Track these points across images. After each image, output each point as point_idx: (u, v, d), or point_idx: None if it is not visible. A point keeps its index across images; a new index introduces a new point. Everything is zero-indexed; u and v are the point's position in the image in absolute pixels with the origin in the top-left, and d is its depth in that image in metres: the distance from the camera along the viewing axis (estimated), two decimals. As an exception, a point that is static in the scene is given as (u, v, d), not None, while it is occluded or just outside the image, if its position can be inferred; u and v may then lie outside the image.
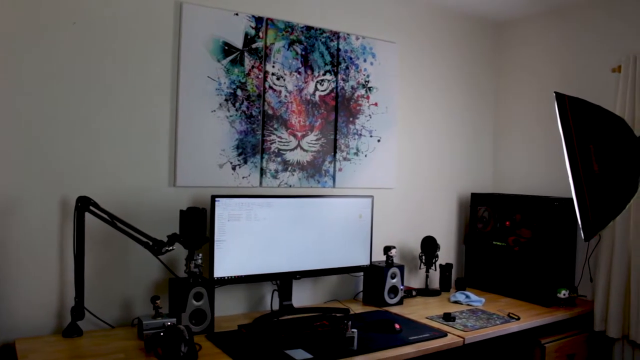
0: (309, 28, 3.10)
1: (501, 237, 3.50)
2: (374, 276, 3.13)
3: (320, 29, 3.14)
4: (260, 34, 2.93)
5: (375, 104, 3.38)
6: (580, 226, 2.71)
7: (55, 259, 2.45)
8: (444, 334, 2.60)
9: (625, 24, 3.27)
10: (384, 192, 3.43)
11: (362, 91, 3.32)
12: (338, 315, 2.81)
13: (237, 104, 2.87)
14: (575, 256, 3.45)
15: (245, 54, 2.89)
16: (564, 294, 3.19)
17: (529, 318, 2.94)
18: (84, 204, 2.37)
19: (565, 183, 2.84)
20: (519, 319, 2.90)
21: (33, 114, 2.38)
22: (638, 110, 3.08)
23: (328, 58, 3.17)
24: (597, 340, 3.28)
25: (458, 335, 2.60)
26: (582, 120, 2.79)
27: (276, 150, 3.00)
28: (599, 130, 2.78)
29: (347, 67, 3.25)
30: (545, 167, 3.69)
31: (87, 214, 2.38)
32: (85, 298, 2.41)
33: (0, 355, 2.31)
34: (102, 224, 2.40)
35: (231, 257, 2.66)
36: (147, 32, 2.63)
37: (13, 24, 2.33)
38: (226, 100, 2.83)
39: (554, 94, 2.83)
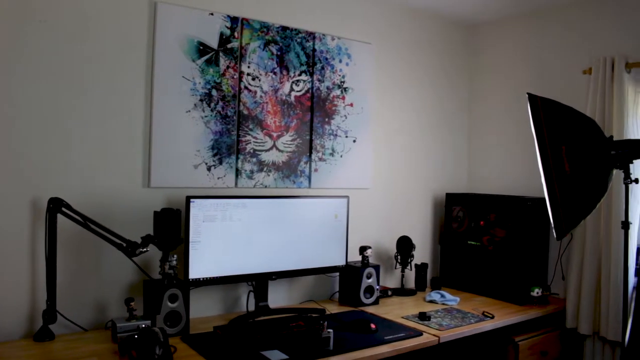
0: (284, 28, 3.10)
1: (476, 237, 3.54)
2: (349, 276, 3.14)
3: (295, 30, 3.14)
4: (236, 34, 2.92)
5: (351, 105, 3.39)
6: (553, 225, 2.75)
7: (26, 262, 2.40)
8: (419, 333, 2.62)
9: (596, 27, 3.34)
10: (359, 193, 3.44)
11: (338, 92, 3.32)
12: (314, 315, 2.81)
13: (212, 104, 2.85)
14: (548, 255, 3.50)
15: (221, 54, 2.87)
16: (537, 292, 3.24)
17: (503, 316, 2.97)
18: (56, 206, 2.33)
19: (538, 183, 2.88)
20: (493, 317, 2.94)
21: (3, 114, 2.33)
22: (608, 112, 3.14)
23: (304, 58, 3.17)
24: (569, 337, 3.34)
25: (433, 335, 2.62)
26: (554, 121, 2.83)
27: (252, 151, 2.99)
28: (570, 131, 2.82)
29: (322, 68, 3.25)
30: (519, 167, 3.74)
31: (59, 216, 2.35)
32: (57, 301, 2.38)
33: (-31, 361, 2.27)
34: (74, 225, 2.36)
35: (206, 258, 2.65)
36: (121, 31, 2.60)
37: (-18, 22, 2.28)
38: (201, 100, 2.81)
39: (527, 95, 2.87)
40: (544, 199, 2.78)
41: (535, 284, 3.28)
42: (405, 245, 3.49)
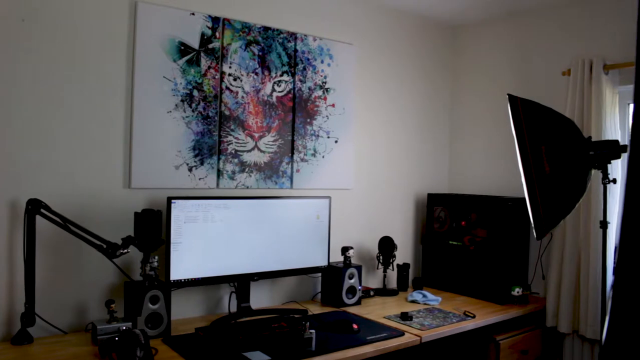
0: (266, 29, 3.09)
1: (457, 237, 3.56)
2: (331, 277, 3.14)
3: (277, 30, 3.13)
4: (217, 34, 2.91)
5: (333, 105, 3.39)
6: (533, 225, 2.78)
7: (4, 264, 2.37)
8: (401, 333, 2.63)
9: (575, 29, 3.38)
10: (341, 193, 3.45)
11: (320, 92, 3.33)
12: (296, 316, 2.81)
13: (194, 105, 2.83)
14: (529, 255, 3.53)
15: (202, 54, 2.86)
16: (518, 292, 3.27)
17: (484, 316, 3.00)
18: (34, 207, 2.30)
19: (518, 183, 2.91)
20: (474, 317, 2.96)
21: (-20, 114, 2.30)
22: (586, 112, 3.18)
23: (285, 59, 3.17)
24: (549, 335, 3.37)
25: (415, 334, 2.64)
26: (534, 122, 2.86)
27: (233, 152, 2.98)
28: (550, 131, 2.85)
29: (304, 68, 3.25)
30: (499, 168, 3.77)
31: (38, 217, 2.32)
32: (36, 303, 2.35)
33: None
34: (54, 227, 2.34)
35: (188, 259, 2.63)
36: (101, 30, 2.58)
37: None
38: (182, 100, 2.80)
39: (507, 96, 2.89)
40: (524, 199, 2.81)
41: (515, 284, 3.31)
42: (387, 246, 3.50)
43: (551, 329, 3.33)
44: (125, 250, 2.34)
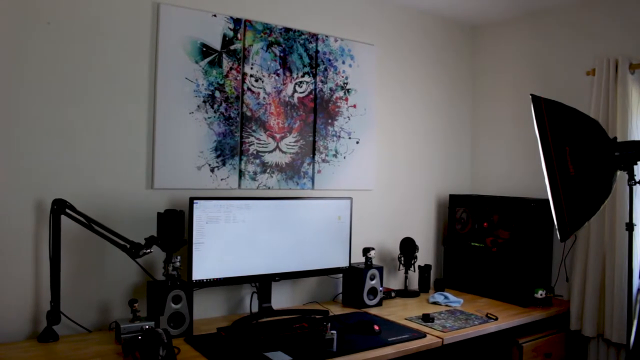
0: (287, 30, 3.10)
1: (479, 238, 3.53)
2: (353, 278, 3.14)
3: (298, 31, 3.14)
4: (239, 36, 2.92)
5: (354, 106, 3.39)
6: (556, 227, 2.75)
7: (30, 263, 2.41)
8: (422, 335, 2.61)
9: (599, 27, 3.33)
10: (362, 194, 3.44)
11: (341, 93, 3.32)
12: (317, 317, 2.81)
13: (216, 106, 2.85)
14: (552, 257, 3.49)
15: (224, 55, 2.87)
16: (541, 294, 3.23)
17: (506, 318, 2.97)
18: (59, 207, 2.33)
19: (541, 184, 2.88)
20: (496, 319, 2.93)
21: (8, 116, 2.34)
22: (612, 113, 3.14)
23: (307, 60, 3.17)
24: (573, 339, 3.33)
25: (437, 336, 2.62)
26: (557, 123, 2.82)
27: (255, 152, 2.99)
28: (574, 132, 2.82)
29: (325, 69, 3.25)
30: (522, 169, 3.73)
31: (63, 217, 2.35)
32: (61, 302, 2.38)
33: (-27, 362, 2.27)
34: (78, 227, 2.37)
35: (210, 260, 2.64)
36: (124, 32, 2.61)
37: (-14, 24, 2.29)
38: (204, 101, 2.82)
39: (530, 97, 2.86)
40: (548, 200, 2.78)
41: (539, 286, 3.28)
42: (408, 247, 3.49)
43: (575, 333, 3.28)
44: (149, 250, 2.36)
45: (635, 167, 2.71)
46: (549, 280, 3.46)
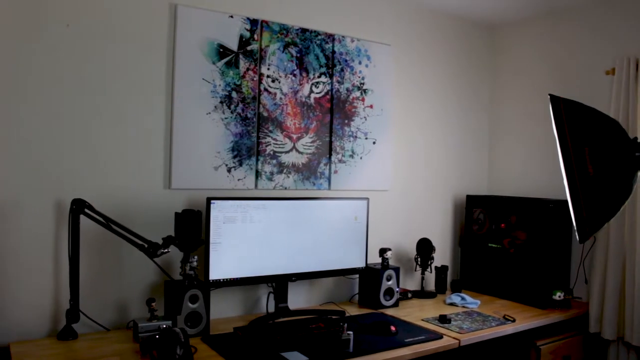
0: (304, 30, 3.10)
1: (496, 239, 3.51)
2: (369, 278, 3.13)
3: (315, 31, 3.14)
4: (255, 36, 2.93)
5: (371, 106, 3.38)
6: (575, 228, 2.72)
7: (50, 262, 2.44)
8: (439, 336, 2.60)
9: (619, 26, 3.29)
10: (379, 194, 3.43)
11: (357, 93, 3.32)
12: (334, 317, 2.81)
13: (232, 106, 2.86)
14: (571, 258, 3.45)
15: (240, 56, 2.89)
16: (559, 296, 3.20)
17: (524, 320, 2.94)
18: (78, 207, 2.36)
19: (560, 185, 2.84)
20: (514, 320, 2.91)
21: (27, 117, 2.37)
22: (632, 113, 3.10)
23: (323, 60, 3.17)
24: (593, 342, 3.29)
25: (454, 337, 2.61)
26: (576, 123, 2.79)
27: (271, 153, 2.99)
28: (593, 132, 2.78)
29: (342, 70, 3.25)
30: (540, 169, 3.70)
31: (82, 217, 2.38)
32: (80, 301, 2.41)
33: (-6, 359, 2.31)
34: (97, 226, 2.39)
35: (227, 260, 2.66)
36: (142, 34, 2.63)
37: (7, 25, 2.32)
38: (221, 102, 2.83)
39: (549, 97, 2.83)
40: (567, 201, 2.75)
41: (557, 288, 3.25)
42: (425, 248, 3.48)
43: (594, 335, 3.25)
44: (166, 250, 2.37)
45: (656, 167, 2.68)
46: (567, 282, 3.43)
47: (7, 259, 2.35)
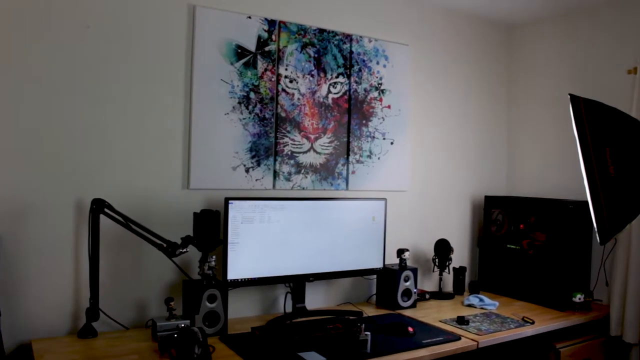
0: (321, 31, 3.10)
1: (515, 240, 3.48)
2: (387, 279, 3.12)
3: (332, 32, 3.14)
4: (273, 37, 2.94)
5: (389, 107, 3.37)
6: (596, 229, 2.69)
7: (70, 261, 2.47)
8: (457, 338, 2.59)
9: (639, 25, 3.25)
10: (397, 195, 3.42)
11: (375, 94, 3.31)
12: (351, 318, 2.81)
13: (250, 107, 2.87)
14: (591, 260, 3.41)
15: (258, 56, 2.90)
16: (579, 298, 3.16)
17: (543, 322, 2.92)
18: (98, 207, 2.38)
19: (580, 186, 2.82)
20: (533, 323, 2.88)
21: (48, 117, 2.40)
22: (654, 113, 3.06)
23: (341, 60, 3.17)
24: (614, 345, 3.24)
25: (472, 339, 2.59)
26: (597, 123, 2.76)
27: (289, 153, 3.00)
28: (614, 132, 2.75)
29: (360, 70, 3.25)
30: (559, 170, 3.66)
31: (101, 216, 2.40)
32: (99, 299, 2.43)
33: (17, 356, 2.34)
34: (116, 226, 2.41)
35: (244, 260, 2.67)
36: (161, 35, 2.65)
37: (29, 27, 2.35)
38: (239, 103, 2.84)
39: (569, 96, 2.81)
40: (587, 202, 2.72)
41: (577, 290, 3.21)
42: (443, 248, 3.46)
43: (616, 339, 3.20)
44: (185, 250, 2.39)
45: (679, 168, 2.64)
46: (587, 284, 3.39)
47: (29, 258, 2.38)
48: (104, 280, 2.49)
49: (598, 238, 2.70)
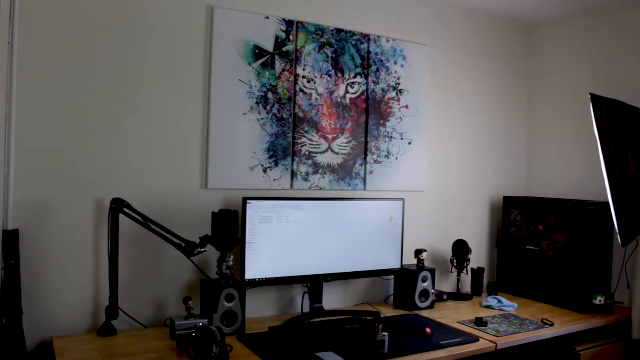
0: (339, 31, 3.10)
1: (534, 242, 3.45)
2: (405, 280, 3.11)
3: (350, 32, 3.14)
4: (291, 37, 2.94)
5: (406, 107, 3.36)
6: (617, 231, 2.66)
7: (90, 260, 2.49)
8: (475, 339, 2.57)
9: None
10: (415, 195, 3.41)
11: (393, 94, 3.30)
12: (369, 318, 2.80)
13: (268, 107, 2.88)
14: (612, 262, 3.37)
15: (276, 57, 2.90)
16: (600, 301, 3.12)
17: (563, 324, 2.88)
18: (118, 206, 2.41)
19: (600, 186, 2.79)
20: (553, 325, 2.85)
21: (68, 117, 2.43)
22: (677, 112, 3.01)
23: (359, 61, 3.17)
24: (635, 349, 3.20)
25: (490, 341, 2.57)
26: (618, 122, 2.73)
27: (307, 153, 3.00)
28: (636, 132, 2.72)
29: (377, 70, 3.24)
30: (579, 170, 3.62)
31: (121, 216, 2.42)
32: (119, 298, 2.45)
33: (38, 353, 2.37)
34: (135, 225, 2.43)
35: (262, 259, 2.67)
36: (179, 36, 2.67)
37: (47, 28, 2.38)
38: (257, 103, 2.85)
39: (590, 96, 2.78)
40: (608, 203, 2.69)
41: (597, 292, 3.17)
42: (461, 249, 3.44)
43: (637, 342, 3.16)
44: (203, 249, 2.40)
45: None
46: (608, 286, 3.34)
47: (50, 258, 2.41)
48: (124, 279, 2.51)
49: (619, 239, 2.67)
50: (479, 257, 3.72)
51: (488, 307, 3.20)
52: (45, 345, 2.36)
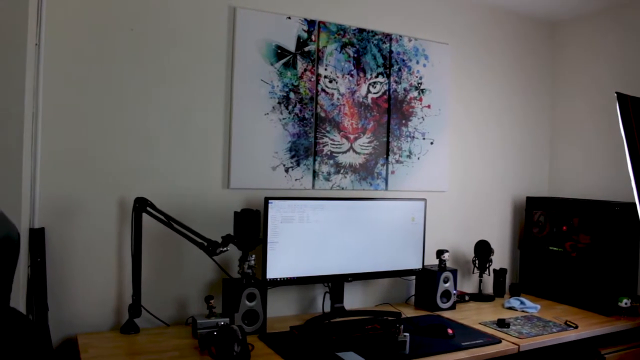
0: (361, 30, 3.10)
1: (558, 243, 3.41)
2: (426, 280, 3.10)
3: (372, 31, 3.13)
4: (313, 37, 2.95)
5: (428, 106, 3.34)
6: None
7: (113, 259, 2.53)
8: (498, 341, 2.55)
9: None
10: (436, 195, 3.39)
11: (415, 93, 3.29)
12: (390, 318, 2.79)
13: (290, 107, 2.89)
14: (638, 264, 3.31)
15: (298, 57, 2.91)
16: (626, 303, 3.07)
17: (587, 327, 2.85)
18: (141, 205, 2.43)
19: (626, 186, 2.75)
20: (577, 327, 2.82)
21: (92, 117, 2.46)
22: None
23: (380, 60, 3.16)
24: (661, 351, 3.15)
25: (513, 342, 2.55)
26: (645, 122, 2.69)
27: (329, 153, 3.00)
28: (663, 132, 2.67)
29: (399, 69, 3.23)
30: (604, 170, 3.56)
31: (144, 215, 2.45)
32: (142, 296, 2.48)
33: (63, 349, 2.40)
34: (158, 224, 2.46)
35: (284, 259, 2.68)
36: (202, 37, 2.69)
37: (72, 30, 2.41)
38: (279, 103, 2.86)
39: (616, 95, 2.74)
40: (634, 204, 2.64)
41: (623, 294, 3.12)
42: (483, 250, 3.41)
43: (663, 344, 3.11)
44: (225, 249, 2.42)
45: None
46: (634, 288, 3.29)
47: (74, 256, 2.44)
48: (146, 277, 2.54)
49: (646, 241, 2.63)
50: (501, 258, 3.69)
51: (510, 308, 3.17)
52: (70, 342, 2.40)
